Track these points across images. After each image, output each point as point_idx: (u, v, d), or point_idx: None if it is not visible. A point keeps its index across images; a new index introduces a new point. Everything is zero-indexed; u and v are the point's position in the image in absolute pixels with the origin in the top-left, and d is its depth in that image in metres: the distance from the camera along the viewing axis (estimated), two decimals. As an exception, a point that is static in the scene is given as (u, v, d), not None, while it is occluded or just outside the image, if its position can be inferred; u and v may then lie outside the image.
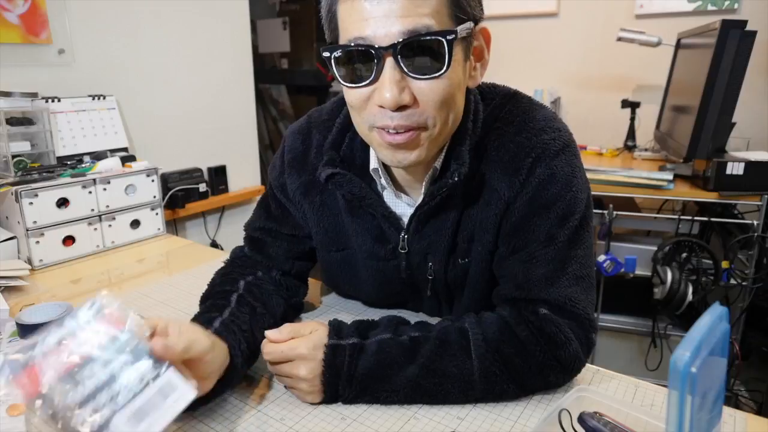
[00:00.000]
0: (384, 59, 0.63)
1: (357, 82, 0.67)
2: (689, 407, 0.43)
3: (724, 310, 0.48)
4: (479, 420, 0.69)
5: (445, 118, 0.69)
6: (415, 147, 0.70)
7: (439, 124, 0.69)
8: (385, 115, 0.67)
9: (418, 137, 0.69)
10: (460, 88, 0.70)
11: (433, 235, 0.82)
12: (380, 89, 0.65)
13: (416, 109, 0.66)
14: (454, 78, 0.67)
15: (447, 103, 0.68)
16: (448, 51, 0.63)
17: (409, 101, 0.65)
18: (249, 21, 2.23)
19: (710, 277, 1.79)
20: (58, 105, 1.56)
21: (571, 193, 0.75)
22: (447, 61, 0.63)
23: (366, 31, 0.63)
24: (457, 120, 0.73)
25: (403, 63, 0.63)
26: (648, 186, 1.82)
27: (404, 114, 0.66)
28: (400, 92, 0.64)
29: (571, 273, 0.74)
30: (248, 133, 2.29)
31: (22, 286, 1.16)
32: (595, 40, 2.53)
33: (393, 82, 0.64)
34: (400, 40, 0.62)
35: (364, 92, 0.67)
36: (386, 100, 0.64)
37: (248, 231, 0.97)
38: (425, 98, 0.66)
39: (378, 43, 0.63)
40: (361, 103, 0.68)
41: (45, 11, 1.55)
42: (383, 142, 0.70)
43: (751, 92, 2.00)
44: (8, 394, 0.71)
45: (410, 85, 0.65)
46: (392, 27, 0.62)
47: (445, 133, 0.72)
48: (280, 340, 0.73)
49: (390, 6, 0.61)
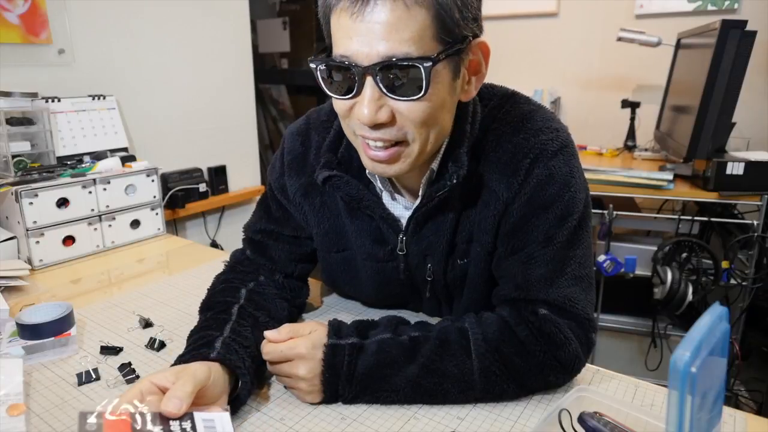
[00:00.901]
0: (364, 78, 0.64)
1: (340, 93, 0.68)
2: (689, 407, 0.43)
3: (724, 310, 0.48)
4: (479, 420, 0.69)
5: (425, 136, 0.69)
6: (395, 162, 0.71)
7: (420, 141, 0.69)
8: (365, 128, 0.68)
9: (399, 154, 0.70)
10: (443, 106, 0.69)
11: (432, 237, 0.82)
12: (360, 105, 0.66)
13: (394, 126, 0.67)
14: (435, 99, 0.66)
15: (427, 122, 0.68)
16: (425, 77, 0.62)
17: (386, 119, 0.66)
18: (249, 21, 2.23)
19: (710, 277, 1.79)
20: (58, 105, 1.56)
21: (569, 193, 0.75)
22: (425, 87, 0.63)
23: (349, 50, 0.64)
24: (443, 133, 0.73)
25: (381, 84, 0.64)
26: (648, 186, 1.82)
27: (382, 130, 0.67)
28: (376, 111, 0.65)
29: (570, 273, 0.74)
30: (248, 133, 2.29)
31: (22, 286, 1.16)
32: (595, 40, 2.53)
33: (371, 101, 0.65)
34: (379, 62, 0.62)
35: (347, 103, 0.68)
36: (364, 116, 0.65)
37: (248, 233, 0.97)
38: (403, 117, 0.67)
39: (359, 61, 0.63)
40: (345, 112, 0.70)
41: (45, 11, 1.55)
42: (366, 154, 0.71)
43: (751, 92, 2.00)
44: (8, 394, 0.71)
45: (389, 103, 0.66)
46: (372, 49, 0.62)
47: (427, 149, 0.71)
48: (279, 340, 0.73)
49: (372, 27, 0.61)
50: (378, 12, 0.61)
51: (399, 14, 0.60)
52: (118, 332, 0.94)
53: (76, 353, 0.87)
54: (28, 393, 0.76)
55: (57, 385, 0.78)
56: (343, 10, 0.63)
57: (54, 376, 0.81)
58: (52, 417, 0.71)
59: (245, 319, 0.80)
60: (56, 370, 0.82)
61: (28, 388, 0.77)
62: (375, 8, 0.60)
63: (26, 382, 0.78)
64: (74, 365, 0.84)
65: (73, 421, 0.70)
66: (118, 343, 0.89)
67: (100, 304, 1.06)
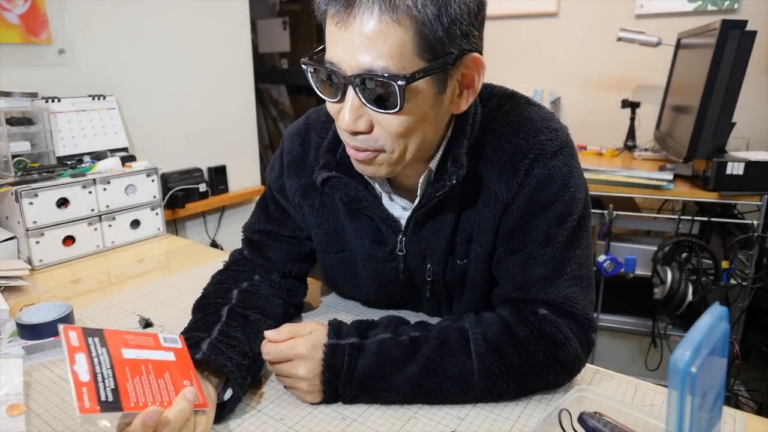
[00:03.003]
0: (346, 86, 0.65)
1: (329, 96, 0.69)
2: (689, 407, 0.43)
3: (724, 310, 0.48)
4: (479, 420, 0.69)
5: (403, 146, 0.69)
6: (371, 164, 0.71)
7: (398, 151, 0.69)
8: (345, 133, 0.70)
9: (375, 158, 0.70)
10: (424, 120, 0.68)
11: (431, 237, 0.82)
12: (342, 111, 0.67)
13: (372, 135, 0.68)
14: (414, 113, 0.66)
15: (404, 135, 0.68)
16: (399, 94, 0.62)
17: (364, 129, 0.67)
18: (249, 21, 2.23)
19: (710, 277, 1.79)
20: (58, 105, 1.56)
21: (569, 193, 0.75)
22: (399, 104, 0.63)
23: (335, 56, 0.64)
24: (426, 145, 0.72)
25: (360, 94, 0.64)
26: (648, 186, 1.82)
27: (360, 138, 0.68)
28: (355, 119, 0.66)
29: (570, 273, 0.74)
30: (248, 133, 2.29)
31: (22, 286, 1.16)
32: (595, 40, 2.53)
33: (351, 110, 0.66)
34: (358, 73, 0.63)
35: (336, 106, 0.69)
36: (344, 123, 0.67)
37: (247, 233, 0.97)
38: (381, 128, 0.67)
39: (343, 69, 0.64)
40: (335, 114, 0.70)
41: (45, 11, 1.55)
42: (350, 153, 0.73)
43: (751, 92, 2.00)
44: (8, 394, 0.71)
45: (368, 113, 0.66)
46: (354, 59, 0.63)
47: (406, 158, 0.71)
48: (279, 339, 0.73)
49: (354, 37, 0.62)
50: (359, 24, 0.61)
51: (380, 28, 0.60)
52: (118, 332, 0.94)
53: (76, 353, 0.87)
54: (28, 393, 0.76)
55: (57, 385, 0.78)
56: (331, 17, 0.63)
57: (54, 376, 0.81)
58: (52, 417, 0.71)
59: (234, 320, 0.80)
60: (56, 370, 0.82)
61: (28, 388, 0.77)
62: (356, 20, 0.61)
63: (26, 382, 0.78)
64: (74, 365, 0.84)
65: (73, 421, 0.70)
66: (118, 343, 0.89)
67: (100, 304, 1.06)
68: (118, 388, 0.59)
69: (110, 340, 0.64)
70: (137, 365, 0.64)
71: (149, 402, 0.61)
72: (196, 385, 0.66)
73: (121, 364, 0.62)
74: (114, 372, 0.61)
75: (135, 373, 0.62)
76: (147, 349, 0.67)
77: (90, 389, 0.57)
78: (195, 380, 0.68)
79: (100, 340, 0.63)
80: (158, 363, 0.66)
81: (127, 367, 0.62)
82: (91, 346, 0.61)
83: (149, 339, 0.69)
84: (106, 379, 0.59)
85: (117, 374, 0.61)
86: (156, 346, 0.69)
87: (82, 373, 0.58)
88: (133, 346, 0.66)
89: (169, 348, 0.70)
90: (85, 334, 0.62)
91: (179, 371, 0.67)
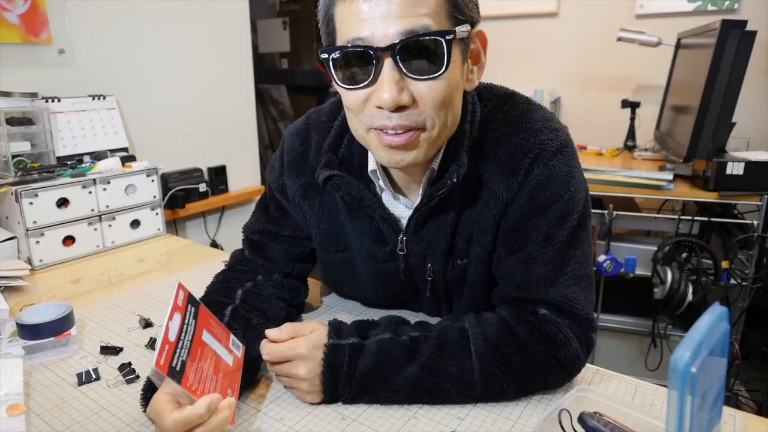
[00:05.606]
0: (382, 60, 0.63)
1: (355, 83, 0.67)
2: (689, 407, 0.43)
3: (724, 310, 0.48)
4: (479, 420, 0.69)
5: (444, 119, 0.69)
6: (414, 148, 0.69)
7: (438, 125, 0.69)
8: (383, 116, 0.66)
9: (417, 138, 0.68)
10: (458, 89, 0.69)
11: (432, 237, 0.82)
12: (379, 90, 0.65)
13: (415, 109, 0.66)
14: (452, 79, 0.67)
15: (445, 104, 0.67)
16: (447, 51, 0.63)
17: (407, 101, 0.65)
18: (249, 21, 2.23)
19: (710, 277, 1.79)
20: (58, 105, 1.56)
21: (569, 193, 0.75)
22: (446, 62, 0.63)
23: (364, 32, 0.63)
24: (456, 121, 0.73)
25: (401, 63, 0.63)
26: (648, 186, 1.82)
27: (403, 114, 0.66)
28: (398, 92, 0.64)
29: (570, 273, 0.74)
30: (248, 133, 2.29)
31: (22, 286, 1.16)
32: (595, 40, 2.53)
33: (392, 83, 0.63)
34: (399, 40, 0.62)
35: (362, 94, 0.67)
36: (385, 100, 0.64)
37: (247, 233, 0.97)
38: (424, 99, 0.66)
39: (376, 43, 0.63)
40: (359, 105, 0.68)
41: (45, 11, 1.55)
42: (381, 144, 0.69)
43: (751, 92, 2.00)
44: (8, 394, 0.71)
45: (409, 85, 0.65)
46: (390, 28, 0.62)
47: (444, 135, 0.72)
48: (280, 339, 0.73)
49: (388, 7, 0.61)
50: None
51: None
52: (118, 332, 0.94)
53: (76, 353, 0.87)
54: (28, 393, 0.76)
55: (57, 385, 0.78)
56: None
57: (54, 376, 0.81)
58: (52, 417, 0.71)
59: (237, 321, 0.80)
60: (56, 370, 0.82)
61: (28, 388, 0.77)
62: None
63: (26, 382, 0.78)
64: (74, 365, 0.84)
65: (73, 421, 0.70)
66: (118, 343, 0.89)
67: (100, 304, 1.06)
68: (187, 362, 0.60)
69: (201, 316, 0.65)
70: (207, 352, 0.65)
71: (199, 391, 0.61)
72: (235, 400, 0.66)
73: (198, 343, 0.63)
74: (191, 346, 0.61)
75: (203, 358, 0.63)
76: (219, 342, 0.68)
77: (170, 350, 0.58)
78: (235, 394, 0.68)
79: (195, 312, 0.64)
80: (220, 360, 0.67)
81: (200, 348, 0.63)
82: (187, 313, 0.62)
83: (224, 334, 0.70)
84: (184, 349, 0.60)
85: (192, 349, 0.61)
86: (226, 343, 0.70)
87: (172, 332, 0.59)
88: (212, 333, 0.67)
89: (232, 352, 0.71)
90: (189, 300, 0.63)
91: (229, 378, 0.68)
